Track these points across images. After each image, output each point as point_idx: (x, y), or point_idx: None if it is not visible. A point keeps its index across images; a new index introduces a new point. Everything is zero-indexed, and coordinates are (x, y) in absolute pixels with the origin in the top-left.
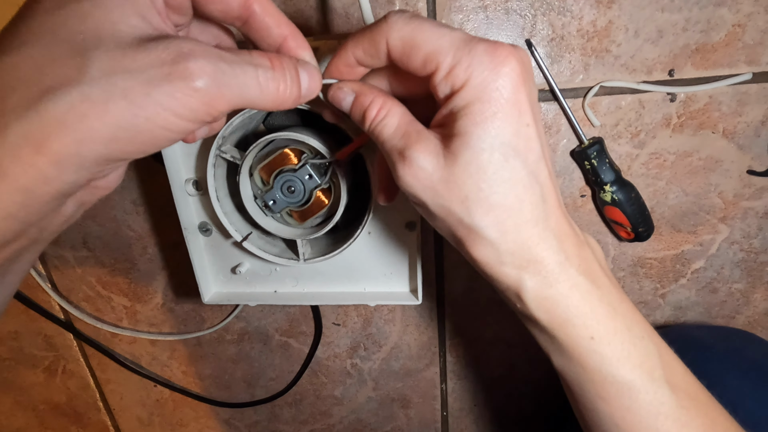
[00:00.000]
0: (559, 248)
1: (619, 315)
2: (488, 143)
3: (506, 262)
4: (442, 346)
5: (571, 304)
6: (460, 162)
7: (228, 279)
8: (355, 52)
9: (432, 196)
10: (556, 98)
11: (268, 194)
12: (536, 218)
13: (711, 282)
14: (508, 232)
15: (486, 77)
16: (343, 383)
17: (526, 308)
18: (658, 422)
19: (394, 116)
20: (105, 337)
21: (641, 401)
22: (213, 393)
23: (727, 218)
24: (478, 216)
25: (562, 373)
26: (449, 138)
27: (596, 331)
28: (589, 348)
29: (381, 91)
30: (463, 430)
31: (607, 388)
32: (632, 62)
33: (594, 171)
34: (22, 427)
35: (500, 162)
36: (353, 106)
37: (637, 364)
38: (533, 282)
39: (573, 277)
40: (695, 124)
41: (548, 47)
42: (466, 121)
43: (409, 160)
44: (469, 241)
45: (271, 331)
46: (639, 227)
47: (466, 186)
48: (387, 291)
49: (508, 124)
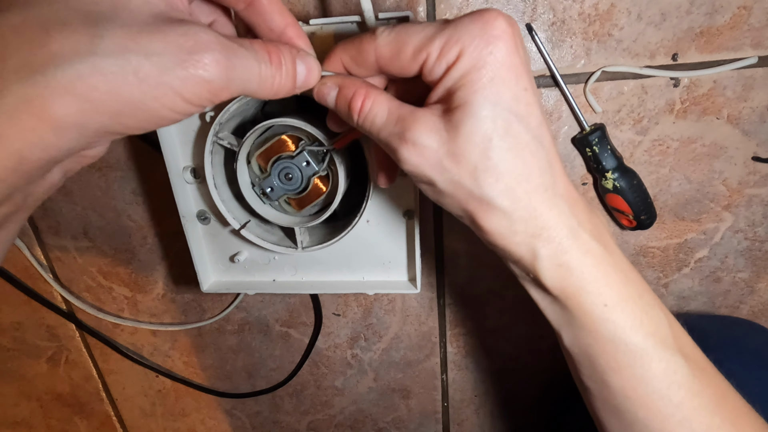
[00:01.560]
0: (570, 213)
1: (631, 282)
2: (489, 110)
3: (519, 231)
4: (443, 336)
5: (585, 271)
6: (463, 132)
7: (227, 268)
8: (343, 59)
9: (440, 173)
10: (557, 84)
11: (266, 181)
12: (545, 184)
13: (715, 271)
14: (519, 199)
15: (478, 44)
16: (343, 374)
17: (540, 278)
18: (671, 391)
19: (381, 104)
20: (107, 328)
21: (654, 370)
22: (214, 383)
23: (731, 206)
24: (488, 185)
25: (571, 348)
26: (449, 112)
27: (609, 298)
28: (602, 316)
29: (363, 82)
30: (464, 420)
31: (620, 358)
32: (635, 46)
33: (595, 158)
34: (26, 417)
35: (504, 128)
36: (337, 100)
37: (649, 332)
38: (547, 250)
39: (586, 242)
40: (699, 109)
41: (549, 32)
42: (465, 91)
43: (411, 141)
44: (480, 213)
45: (271, 322)
46: (641, 215)
47: (473, 156)
48: (386, 280)
49: (507, 88)
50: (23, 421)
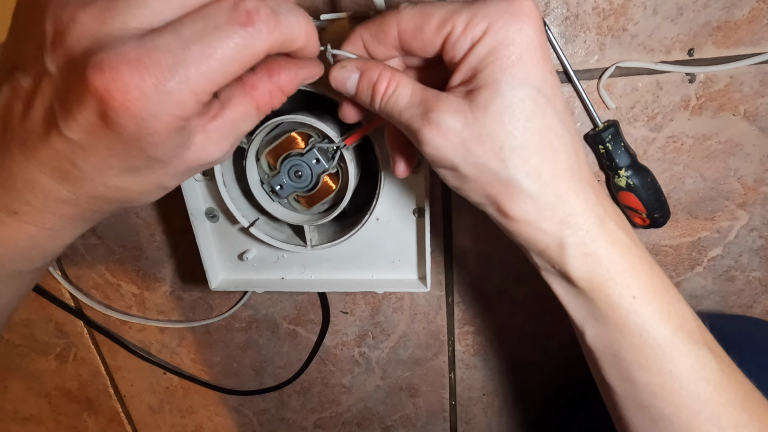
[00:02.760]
0: (596, 201)
1: (657, 275)
2: (518, 89)
3: (546, 217)
4: (451, 334)
5: (613, 261)
6: (490, 112)
7: (235, 266)
8: (364, 36)
9: (464, 155)
10: (570, 80)
11: (275, 179)
12: (571, 168)
13: (728, 270)
14: (547, 182)
15: (507, 20)
16: (351, 372)
17: (566, 268)
18: (699, 387)
19: (405, 86)
20: (115, 325)
21: (682, 365)
22: (221, 380)
23: (746, 204)
24: (514, 167)
25: (594, 344)
26: (474, 92)
27: (638, 290)
28: (630, 308)
29: (385, 65)
30: (472, 419)
31: (647, 352)
32: (650, 41)
33: (608, 155)
34: (35, 413)
35: (532, 108)
36: (360, 83)
37: (677, 325)
38: (575, 238)
39: (614, 231)
40: (715, 105)
41: (562, 26)
42: (493, 69)
43: (435, 122)
44: (506, 197)
45: (279, 319)
46: (655, 213)
47: (500, 136)
48: (395, 278)
49: (536, 68)
50: (32, 417)
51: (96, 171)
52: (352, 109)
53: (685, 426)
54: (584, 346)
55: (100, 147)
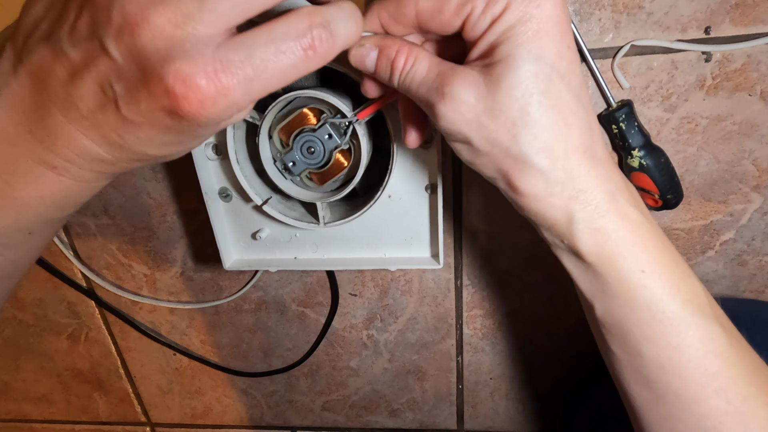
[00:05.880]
0: (608, 177)
1: (668, 250)
2: (532, 64)
3: (555, 192)
4: (459, 318)
5: (623, 236)
6: (504, 87)
7: (248, 245)
8: (381, 16)
9: (477, 129)
10: (584, 59)
11: (288, 156)
12: (584, 145)
13: (740, 254)
14: (558, 158)
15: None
16: (359, 354)
17: (575, 243)
18: (707, 360)
19: (422, 60)
20: (126, 305)
21: (691, 338)
22: (230, 362)
23: (760, 187)
24: (526, 142)
25: (603, 318)
26: (490, 66)
27: (647, 264)
28: (638, 282)
29: (403, 39)
30: (479, 403)
31: (655, 326)
32: (666, 19)
33: (622, 135)
34: (46, 393)
35: (546, 84)
36: (379, 61)
37: (687, 300)
38: (584, 213)
39: (624, 207)
40: (731, 85)
41: (577, 4)
42: (509, 44)
43: (449, 95)
44: (516, 172)
45: (288, 301)
46: (668, 194)
47: (513, 111)
48: (408, 256)
49: (552, 44)
50: (44, 397)
51: (141, 143)
52: (373, 85)
53: (692, 399)
54: (592, 321)
55: (154, 128)
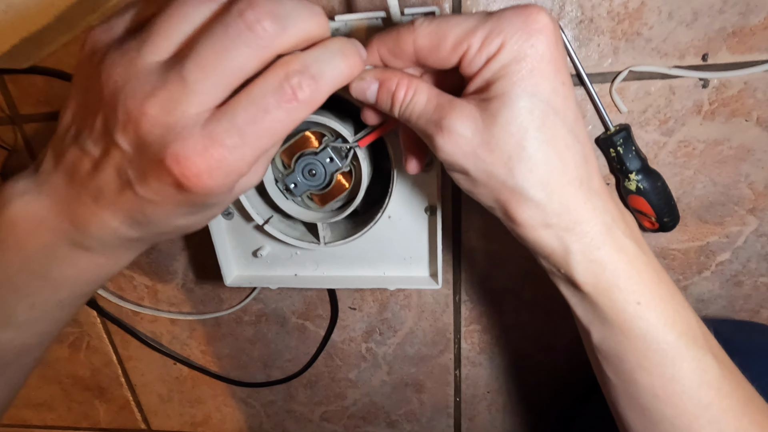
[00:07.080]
0: (605, 209)
1: (663, 282)
2: (527, 101)
3: (552, 224)
4: (458, 332)
5: (619, 267)
6: (499, 122)
7: (249, 262)
8: (381, 51)
9: (474, 162)
10: (583, 83)
11: (290, 177)
12: (580, 178)
13: (736, 275)
14: (554, 191)
15: (520, 36)
16: (357, 366)
17: (571, 273)
18: (701, 392)
19: (422, 93)
20: (127, 315)
21: (685, 369)
22: (230, 372)
23: (756, 210)
24: (521, 176)
25: (599, 346)
26: (486, 102)
27: (643, 296)
28: (634, 314)
29: (403, 72)
30: (476, 416)
31: (650, 356)
32: (664, 46)
33: (619, 159)
34: (48, 400)
35: (540, 119)
36: (379, 93)
37: (682, 331)
38: (580, 244)
39: (620, 239)
40: (727, 111)
41: (576, 30)
42: (505, 82)
43: (447, 129)
44: (513, 203)
45: (288, 314)
46: (664, 217)
47: (508, 146)
48: (407, 275)
49: (546, 81)
50: (45, 404)
51: (162, 218)
52: (373, 114)
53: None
54: (589, 347)
55: (169, 203)
